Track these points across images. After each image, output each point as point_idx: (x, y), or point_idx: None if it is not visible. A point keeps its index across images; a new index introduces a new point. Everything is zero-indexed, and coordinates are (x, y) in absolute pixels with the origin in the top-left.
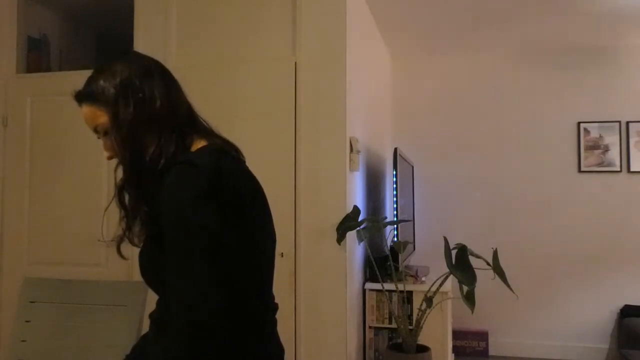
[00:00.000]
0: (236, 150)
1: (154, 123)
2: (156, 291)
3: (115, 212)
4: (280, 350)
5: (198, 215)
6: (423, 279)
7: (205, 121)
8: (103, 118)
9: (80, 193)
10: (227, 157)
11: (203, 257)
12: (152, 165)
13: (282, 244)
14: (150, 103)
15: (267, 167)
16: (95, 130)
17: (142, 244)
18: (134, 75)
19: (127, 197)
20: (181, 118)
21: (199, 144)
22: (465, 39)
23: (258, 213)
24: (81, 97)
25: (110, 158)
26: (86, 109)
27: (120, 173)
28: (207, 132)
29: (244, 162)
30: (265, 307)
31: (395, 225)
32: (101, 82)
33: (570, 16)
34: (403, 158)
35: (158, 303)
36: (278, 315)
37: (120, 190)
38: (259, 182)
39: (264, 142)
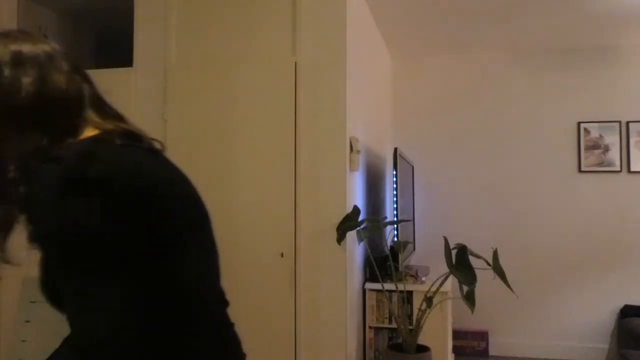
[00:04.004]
0: (135, 138)
1: (17, 117)
2: (57, 308)
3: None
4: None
5: (63, 217)
6: (423, 279)
7: (111, 110)
8: None
9: None
10: (101, 145)
11: (80, 262)
12: (20, 167)
13: (282, 244)
14: (13, 95)
15: (267, 168)
16: None
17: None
18: (2, 63)
19: None
20: (57, 109)
21: (89, 134)
22: (465, 39)
23: (163, 203)
24: None
25: None
26: None
27: None
28: (105, 122)
29: (146, 150)
30: (185, 309)
31: (395, 225)
32: None
33: (571, 16)
34: (403, 158)
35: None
36: (278, 315)
37: None
38: (168, 173)
39: (264, 142)
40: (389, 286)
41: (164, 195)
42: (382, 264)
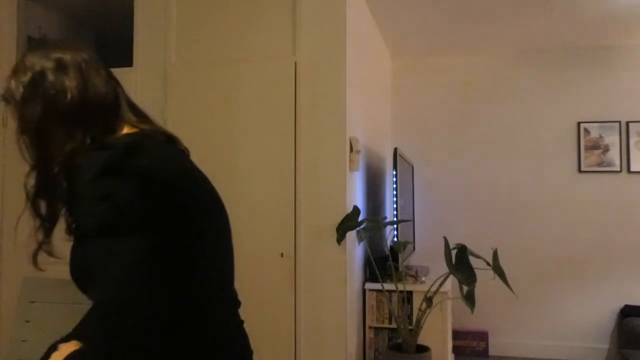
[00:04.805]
0: (171, 139)
1: (63, 118)
2: (84, 291)
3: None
4: (236, 356)
5: (98, 192)
6: (423, 279)
7: (142, 112)
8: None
9: None
10: (146, 140)
11: (112, 234)
12: (65, 163)
13: (282, 244)
14: (58, 98)
15: (267, 167)
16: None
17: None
18: (46, 70)
19: (42, 205)
20: (98, 110)
21: (127, 132)
22: (465, 39)
23: (187, 199)
24: (2, 100)
25: None
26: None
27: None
28: (141, 122)
29: (180, 151)
30: (202, 304)
31: (395, 225)
32: (12, 82)
33: (570, 16)
34: (403, 158)
35: None
36: (278, 315)
37: (34, 197)
38: (198, 173)
39: (264, 142)
40: (389, 286)
41: (197, 195)
42: (382, 264)
